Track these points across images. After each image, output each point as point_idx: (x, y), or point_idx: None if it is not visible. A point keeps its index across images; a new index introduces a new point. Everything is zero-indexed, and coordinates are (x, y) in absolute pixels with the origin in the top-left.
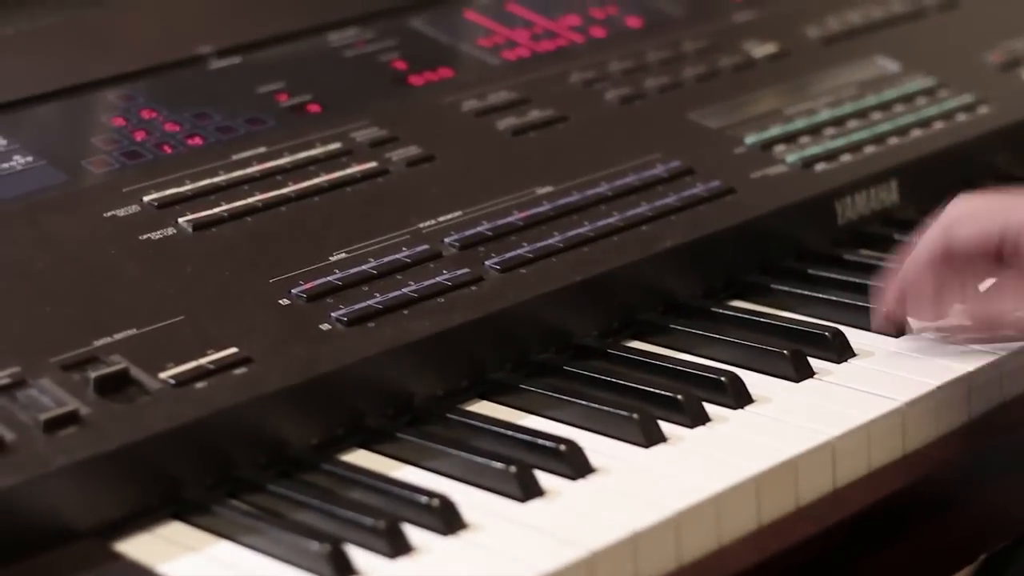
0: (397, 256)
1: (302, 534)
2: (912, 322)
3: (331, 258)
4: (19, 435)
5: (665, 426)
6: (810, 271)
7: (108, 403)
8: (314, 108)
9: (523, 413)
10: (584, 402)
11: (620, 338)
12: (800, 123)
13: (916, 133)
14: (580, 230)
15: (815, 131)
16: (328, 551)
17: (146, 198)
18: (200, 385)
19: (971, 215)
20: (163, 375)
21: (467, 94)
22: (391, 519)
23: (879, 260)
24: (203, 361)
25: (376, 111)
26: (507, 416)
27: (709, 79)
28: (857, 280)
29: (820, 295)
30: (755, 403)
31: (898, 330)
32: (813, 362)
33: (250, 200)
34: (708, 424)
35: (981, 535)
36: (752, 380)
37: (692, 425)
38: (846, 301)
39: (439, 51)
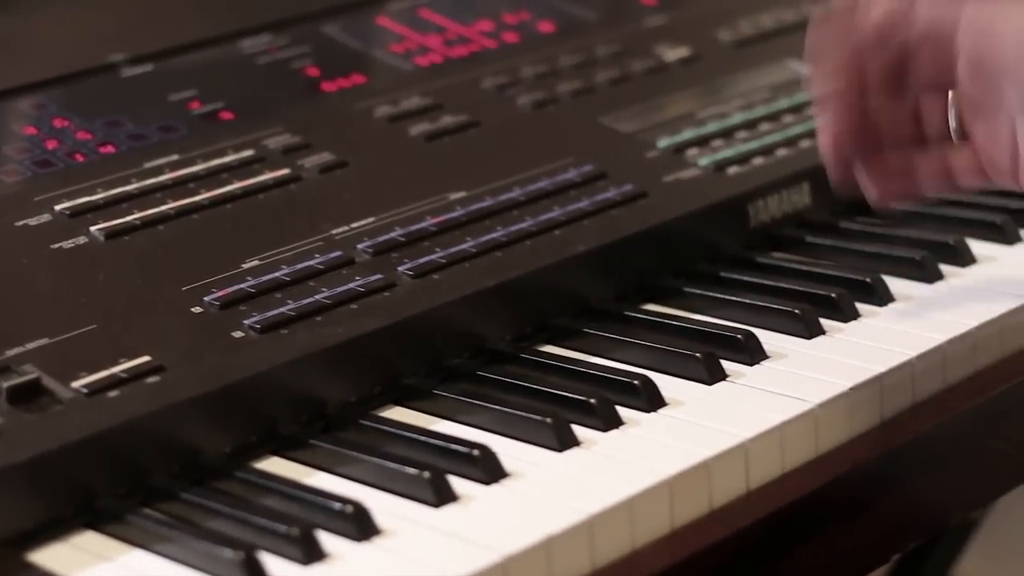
0: (310, 263)
1: (215, 542)
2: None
3: (244, 265)
4: None
5: (578, 430)
6: (723, 274)
7: (20, 413)
8: (226, 115)
9: (437, 418)
10: (497, 407)
11: (533, 342)
12: (712, 126)
13: None
14: (493, 235)
15: (727, 134)
16: (241, 558)
17: (58, 207)
18: (113, 394)
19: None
20: (76, 384)
21: (380, 100)
22: (304, 526)
23: (792, 262)
24: (116, 370)
25: (289, 118)
26: (420, 422)
27: (621, 83)
28: (770, 283)
29: (733, 298)
30: (668, 406)
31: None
32: (726, 364)
33: (162, 208)
34: (621, 427)
35: (895, 535)
36: (665, 383)
37: (605, 428)
38: (759, 303)
39: (352, 57)
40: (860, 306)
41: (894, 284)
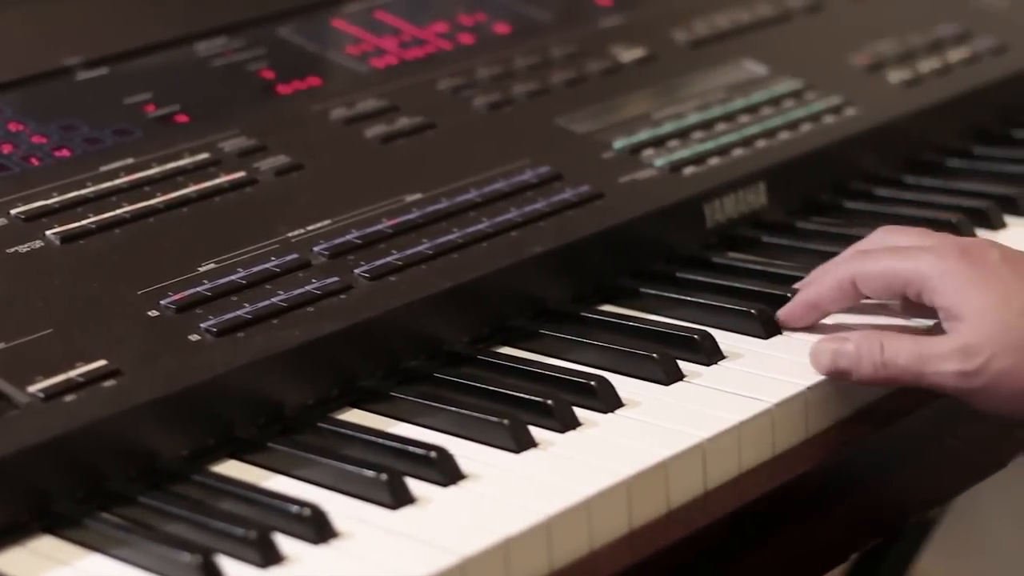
0: (266, 265)
1: (173, 545)
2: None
3: (200, 268)
4: None
5: (536, 431)
6: (679, 274)
7: None
8: (182, 118)
9: (394, 421)
10: (455, 408)
11: (490, 344)
12: (668, 127)
13: (783, 135)
14: (449, 237)
15: (683, 135)
16: (199, 562)
17: (13, 211)
18: (69, 398)
19: (885, 252)
20: (32, 388)
21: (335, 102)
22: (262, 529)
23: (748, 262)
24: (72, 374)
25: (244, 120)
26: (378, 424)
27: (577, 84)
28: (726, 283)
29: (689, 298)
30: (625, 407)
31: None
32: (682, 365)
33: (118, 211)
34: (578, 428)
35: (852, 534)
36: (622, 384)
37: (562, 430)
38: (715, 304)
39: (307, 60)
40: None
41: None
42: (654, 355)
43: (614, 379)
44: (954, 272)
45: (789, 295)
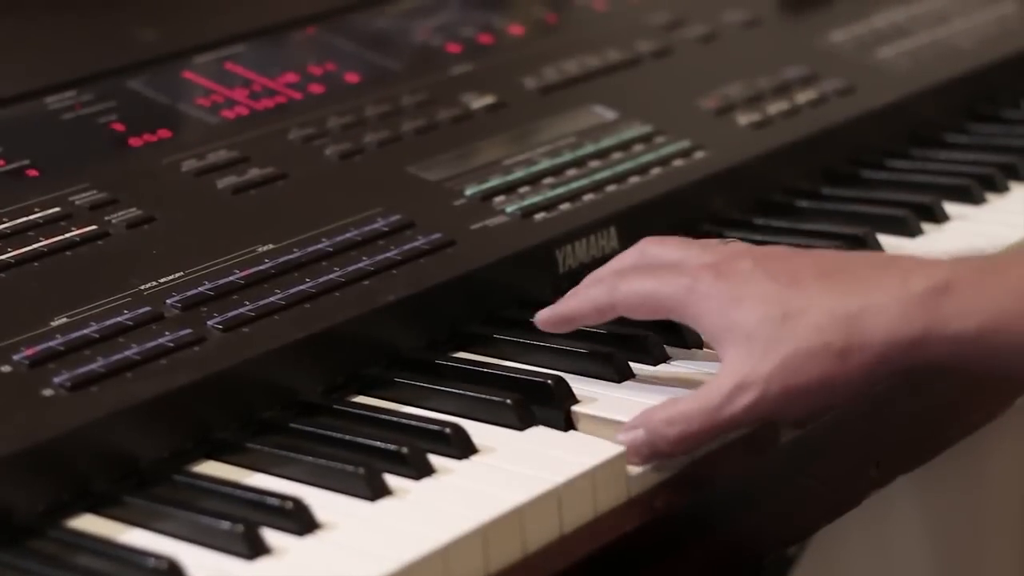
0: (119, 319)
1: None
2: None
3: (52, 323)
4: None
5: (391, 479)
6: (533, 320)
7: None
8: (32, 173)
9: (250, 472)
10: (310, 458)
11: (345, 393)
12: (519, 173)
13: (634, 180)
14: (302, 287)
15: (534, 181)
16: None
17: None
18: None
19: (641, 275)
20: None
21: (187, 154)
22: None
23: None
24: None
25: (95, 174)
26: (233, 475)
27: (428, 132)
28: (579, 327)
29: (543, 344)
30: (480, 453)
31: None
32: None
33: None
34: (433, 475)
35: (710, 574)
36: (477, 430)
37: (418, 477)
38: (569, 348)
39: (158, 112)
40: (669, 349)
41: None
42: (508, 401)
43: (469, 426)
44: (710, 295)
45: (641, 335)
